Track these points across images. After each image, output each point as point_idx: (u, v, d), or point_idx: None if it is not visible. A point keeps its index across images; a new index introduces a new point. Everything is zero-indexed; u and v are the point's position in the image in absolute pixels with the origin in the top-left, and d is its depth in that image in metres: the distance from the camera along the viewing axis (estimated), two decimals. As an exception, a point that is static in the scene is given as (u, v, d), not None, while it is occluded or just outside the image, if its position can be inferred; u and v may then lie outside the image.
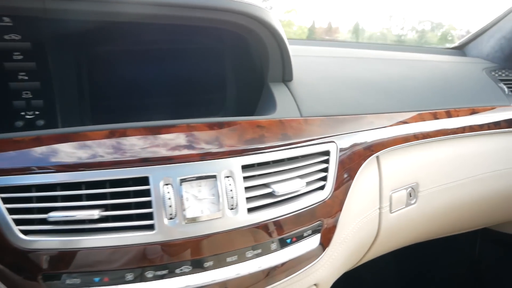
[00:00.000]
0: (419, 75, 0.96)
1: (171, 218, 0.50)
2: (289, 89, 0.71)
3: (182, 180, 0.51)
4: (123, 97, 0.74)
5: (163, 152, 0.51)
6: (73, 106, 0.68)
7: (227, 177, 0.53)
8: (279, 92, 0.69)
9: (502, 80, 1.05)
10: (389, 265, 1.45)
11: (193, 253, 0.51)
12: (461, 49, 1.31)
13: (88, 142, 0.51)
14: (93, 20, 0.58)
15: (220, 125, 0.57)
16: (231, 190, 0.53)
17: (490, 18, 1.27)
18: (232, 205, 0.53)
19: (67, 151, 0.50)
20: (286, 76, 0.72)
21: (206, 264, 0.52)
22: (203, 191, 0.52)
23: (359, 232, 0.72)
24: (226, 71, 0.78)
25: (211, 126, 0.57)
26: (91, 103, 0.72)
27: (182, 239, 0.50)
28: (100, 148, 0.50)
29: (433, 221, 0.88)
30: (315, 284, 0.67)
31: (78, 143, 0.51)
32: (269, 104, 0.68)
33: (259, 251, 0.55)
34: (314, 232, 0.61)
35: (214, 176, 0.52)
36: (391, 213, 0.77)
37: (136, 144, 0.52)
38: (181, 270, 0.50)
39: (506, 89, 1.02)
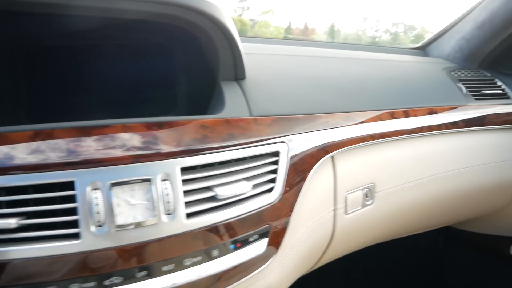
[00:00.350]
0: (379, 74, 0.95)
1: (99, 226, 0.46)
2: (241, 87, 0.68)
3: (113, 184, 0.47)
4: (65, 94, 0.69)
5: (92, 154, 0.47)
6: (6, 105, 0.63)
7: (164, 180, 0.50)
8: (230, 91, 0.66)
9: (460, 80, 1.06)
10: (353, 262, 1.44)
11: (124, 263, 0.47)
12: (423, 49, 1.31)
13: (9, 145, 0.46)
14: (25, 12, 0.53)
15: (160, 125, 0.54)
16: (167, 194, 0.49)
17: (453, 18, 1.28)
18: (168, 210, 0.49)
19: None
20: (238, 75, 0.69)
21: (139, 274, 0.48)
22: (137, 195, 0.48)
23: (312, 234, 0.69)
24: (176, 69, 0.75)
25: (149, 126, 0.53)
26: (29, 102, 0.67)
27: (111, 248, 0.46)
28: (23, 151, 0.46)
29: (390, 221, 0.87)
30: None
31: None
32: (218, 103, 0.65)
33: (199, 258, 0.52)
34: (261, 236, 0.59)
35: (149, 180, 0.49)
36: (346, 214, 0.75)
37: (63, 146, 0.47)
38: (110, 281, 0.47)
39: (464, 89, 1.03)
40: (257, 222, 0.58)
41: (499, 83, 1.12)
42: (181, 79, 0.75)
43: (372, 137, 0.78)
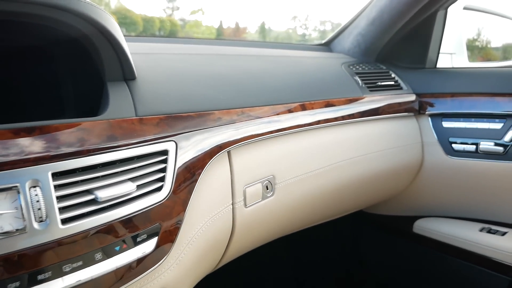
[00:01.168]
0: (279, 70, 1.01)
1: None
2: (129, 88, 0.69)
3: None
4: None
5: None
6: None
7: (34, 187, 0.49)
8: (116, 92, 0.67)
9: (357, 73, 1.16)
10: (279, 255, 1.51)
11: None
12: (328, 45, 1.42)
13: None
14: None
15: (29, 131, 0.53)
16: (37, 201, 0.49)
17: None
18: (40, 217, 0.49)
19: None
20: (126, 75, 0.70)
21: (12, 286, 0.47)
22: (3, 205, 0.48)
23: (210, 230, 0.72)
24: (60, 71, 0.73)
25: (17, 132, 0.52)
26: None
27: None
28: None
29: (294, 212, 0.93)
30: None
31: None
32: (103, 105, 0.66)
33: (80, 263, 0.52)
34: (150, 236, 0.60)
35: (15, 188, 0.48)
36: (246, 207, 0.80)
37: None
38: None
39: (360, 82, 1.13)
40: (145, 222, 0.59)
41: (393, 75, 1.25)
42: (66, 82, 0.74)
43: (269, 131, 0.83)
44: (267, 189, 0.84)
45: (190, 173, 0.67)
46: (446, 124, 1.18)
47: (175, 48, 1.00)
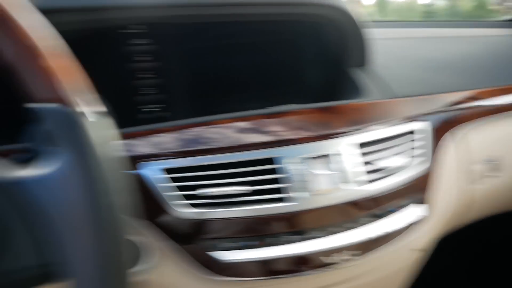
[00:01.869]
0: (484, 51, 1.06)
1: (299, 191, 0.63)
2: (370, 73, 0.83)
3: (304, 159, 0.64)
4: (215, 90, 0.87)
5: (288, 135, 0.64)
6: (183, 100, 0.82)
7: (338, 155, 0.66)
8: (362, 77, 0.81)
9: None
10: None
11: (321, 220, 0.64)
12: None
13: (224, 130, 0.64)
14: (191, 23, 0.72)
15: (325, 110, 0.70)
16: (343, 166, 0.65)
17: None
18: (348, 178, 0.65)
19: (208, 137, 0.63)
20: (364, 61, 0.84)
21: (333, 230, 0.65)
22: (322, 168, 0.65)
23: (449, 203, 0.84)
24: (306, 61, 0.90)
25: (318, 111, 0.69)
26: (192, 96, 0.85)
27: (310, 209, 0.63)
28: (237, 133, 0.64)
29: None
30: (419, 249, 0.79)
31: (215, 129, 0.64)
32: (353, 89, 0.80)
33: (374, 218, 0.68)
34: (415, 203, 0.74)
35: (327, 155, 0.65)
36: (476, 184, 0.89)
37: (261, 128, 0.65)
38: (312, 235, 0.64)
39: None
40: (411, 191, 0.73)
41: None
42: (309, 70, 0.90)
43: (490, 112, 0.91)
44: (494, 168, 0.92)
45: (433, 149, 0.79)
46: None
47: (379, 33, 1.11)
